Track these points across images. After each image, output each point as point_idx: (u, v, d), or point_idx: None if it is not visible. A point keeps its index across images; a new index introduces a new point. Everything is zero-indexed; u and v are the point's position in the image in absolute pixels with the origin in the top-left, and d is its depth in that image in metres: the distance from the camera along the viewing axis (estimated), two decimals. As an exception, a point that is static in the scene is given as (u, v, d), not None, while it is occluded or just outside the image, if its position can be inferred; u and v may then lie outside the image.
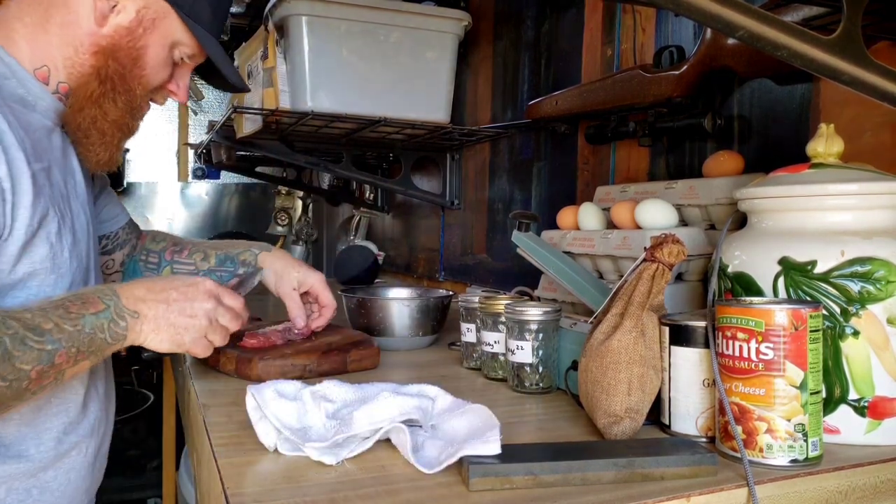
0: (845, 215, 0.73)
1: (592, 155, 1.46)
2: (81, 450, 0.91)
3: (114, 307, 0.76)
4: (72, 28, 0.84)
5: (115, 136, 0.89)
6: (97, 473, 0.98)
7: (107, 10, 0.84)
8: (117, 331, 0.76)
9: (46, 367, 0.70)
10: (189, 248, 1.14)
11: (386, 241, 2.73)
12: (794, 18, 0.86)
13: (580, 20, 1.49)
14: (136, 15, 0.85)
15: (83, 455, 0.91)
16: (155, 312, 0.79)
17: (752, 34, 0.52)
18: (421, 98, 1.79)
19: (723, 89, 1.12)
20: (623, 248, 1.03)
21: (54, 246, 0.81)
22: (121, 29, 0.85)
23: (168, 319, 0.79)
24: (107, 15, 0.84)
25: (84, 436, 0.91)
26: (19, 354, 0.67)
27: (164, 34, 0.88)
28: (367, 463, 0.67)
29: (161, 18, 0.87)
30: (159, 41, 0.88)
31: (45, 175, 0.81)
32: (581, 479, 0.62)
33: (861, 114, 0.90)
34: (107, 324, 0.75)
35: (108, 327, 0.75)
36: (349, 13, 1.67)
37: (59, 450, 0.87)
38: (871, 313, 0.70)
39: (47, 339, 0.70)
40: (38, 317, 0.70)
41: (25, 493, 0.83)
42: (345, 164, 2.02)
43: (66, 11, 0.83)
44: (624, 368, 0.73)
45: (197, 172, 3.90)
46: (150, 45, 0.87)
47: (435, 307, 1.25)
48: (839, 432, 0.71)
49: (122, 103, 0.87)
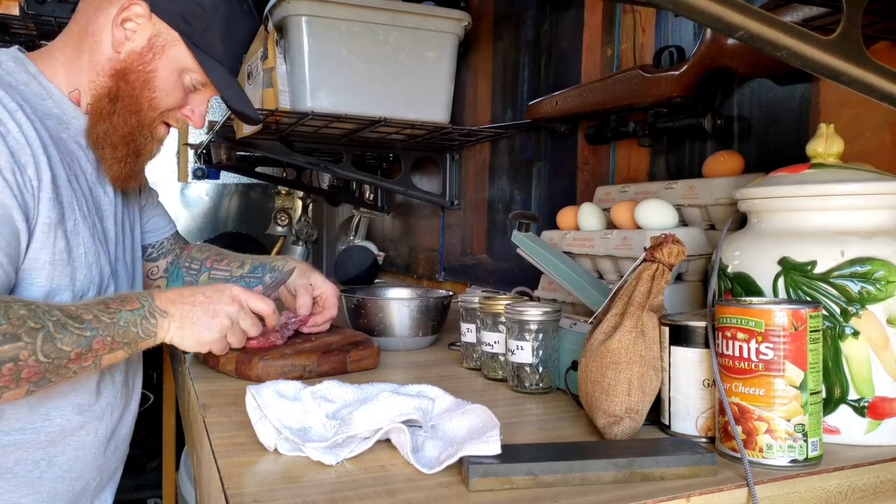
0: (845, 215, 0.73)
1: (592, 155, 1.46)
2: (91, 430, 0.98)
3: (148, 307, 0.87)
4: (97, 55, 0.94)
5: (124, 151, 0.97)
6: (112, 456, 1.05)
7: (122, 37, 0.93)
8: (148, 327, 0.86)
9: (84, 351, 0.80)
10: (230, 258, 1.26)
11: (386, 241, 2.73)
12: (793, 18, 0.86)
13: (580, 20, 1.49)
14: (147, 41, 0.94)
15: (93, 435, 0.98)
16: (181, 312, 0.89)
17: (752, 34, 0.52)
18: (421, 98, 1.79)
19: (723, 89, 1.12)
20: (623, 248, 1.03)
21: (70, 241, 0.90)
22: (133, 54, 0.94)
23: (192, 318, 0.89)
24: (122, 42, 0.94)
25: (94, 417, 0.98)
26: (60, 337, 0.78)
27: (173, 60, 0.96)
28: (366, 463, 0.67)
29: (170, 45, 0.95)
30: (168, 66, 0.96)
31: (70, 180, 0.91)
32: (581, 479, 0.62)
33: (861, 114, 0.90)
34: (139, 319, 0.85)
35: (140, 323, 0.85)
36: (349, 13, 1.68)
37: (67, 427, 0.94)
38: (871, 313, 0.70)
39: (86, 326, 0.80)
40: (80, 309, 0.82)
41: (33, 464, 0.92)
42: (345, 165, 2.02)
43: (93, 41, 0.94)
44: (624, 368, 0.73)
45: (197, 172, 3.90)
46: (160, 69, 0.96)
47: (435, 307, 1.25)
48: (839, 432, 0.71)
49: (132, 121, 0.96)
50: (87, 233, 0.93)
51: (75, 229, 0.91)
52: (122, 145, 0.97)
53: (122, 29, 0.93)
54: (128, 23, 0.93)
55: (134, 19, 0.93)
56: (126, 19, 0.93)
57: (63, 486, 0.95)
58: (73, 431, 0.96)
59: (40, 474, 0.92)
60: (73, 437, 0.96)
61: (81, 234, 0.92)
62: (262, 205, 4.00)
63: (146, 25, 0.94)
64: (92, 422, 0.98)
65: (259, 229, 3.90)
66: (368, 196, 2.79)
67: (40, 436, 0.92)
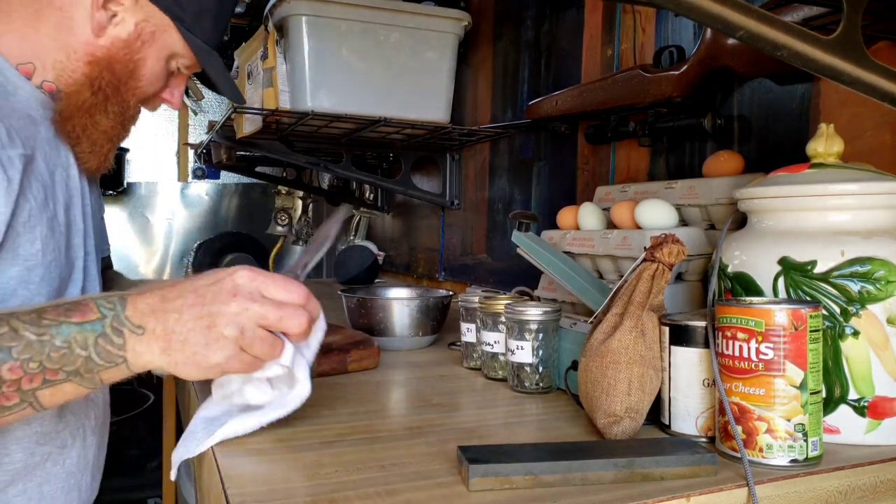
0: (845, 215, 0.73)
1: (592, 155, 1.46)
2: (57, 461, 0.83)
3: (112, 319, 0.60)
4: (65, 33, 0.81)
5: (105, 146, 0.87)
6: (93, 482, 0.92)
7: (105, 20, 0.82)
8: (110, 349, 0.60)
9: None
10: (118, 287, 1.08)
11: (386, 241, 2.73)
12: (794, 18, 0.86)
13: (580, 20, 1.49)
14: (134, 28, 0.84)
15: (60, 466, 0.84)
16: (164, 327, 0.61)
17: (752, 34, 0.52)
18: (421, 98, 1.79)
19: (723, 89, 1.12)
20: (623, 248, 1.03)
21: (20, 235, 0.73)
22: (118, 41, 0.83)
23: (180, 335, 0.61)
24: (104, 26, 0.82)
25: (59, 447, 0.83)
26: None
27: (163, 47, 0.87)
28: (366, 463, 0.67)
29: (161, 32, 0.85)
30: (156, 54, 0.86)
31: (24, 161, 0.75)
32: (581, 479, 0.62)
33: (861, 114, 0.90)
34: (94, 339, 0.59)
35: (94, 343, 0.60)
36: (349, 13, 1.68)
37: (30, 462, 0.80)
38: (871, 313, 0.70)
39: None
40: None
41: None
42: (345, 164, 2.02)
43: (60, 15, 0.81)
44: (624, 368, 0.73)
45: (197, 172, 3.90)
46: (148, 57, 0.86)
47: (435, 307, 1.25)
48: (839, 432, 0.71)
49: (113, 114, 0.85)
50: (44, 225, 0.77)
51: (30, 221, 0.75)
52: (103, 140, 0.86)
53: (104, 11, 0.81)
54: (111, 4, 0.82)
55: (118, 1, 0.82)
56: (109, 0, 0.81)
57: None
58: (37, 465, 0.81)
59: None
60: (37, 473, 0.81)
61: (38, 228, 0.76)
62: (262, 205, 4.00)
63: (133, 9, 0.83)
64: (56, 452, 0.83)
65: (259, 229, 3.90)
66: (368, 196, 2.79)
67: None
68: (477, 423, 0.82)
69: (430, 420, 0.82)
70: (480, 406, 0.90)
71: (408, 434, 0.77)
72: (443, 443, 0.73)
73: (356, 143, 2.07)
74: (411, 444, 0.73)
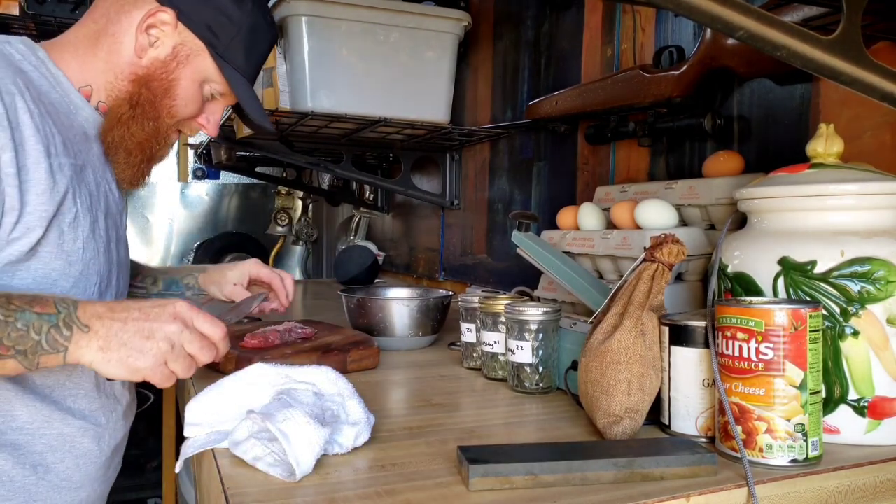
0: (845, 215, 0.73)
1: (592, 155, 1.46)
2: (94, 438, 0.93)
3: (65, 315, 0.72)
4: (115, 56, 0.92)
5: (139, 157, 0.96)
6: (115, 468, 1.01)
7: (146, 43, 0.91)
8: (57, 338, 0.71)
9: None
10: (143, 272, 1.20)
11: (386, 241, 2.73)
12: (793, 18, 0.86)
13: (580, 20, 1.49)
14: (171, 50, 0.92)
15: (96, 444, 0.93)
16: (107, 331, 0.72)
17: (752, 34, 0.52)
18: (421, 98, 1.79)
19: (723, 89, 1.12)
20: (623, 248, 1.03)
21: (65, 233, 0.85)
22: (157, 61, 0.93)
23: (120, 339, 0.72)
24: (146, 48, 0.92)
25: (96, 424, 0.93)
26: None
27: (196, 70, 0.95)
28: (366, 463, 0.67)
29: (195, 55, 0.94)
30: (190, 76, 0.95)
31: (75, 170, 0.88)
32: (581, 479, 0.62)
33: (861, 114, 0.91)
34: (47, 327, 0.71)
35: (47, 331, 0.71)
36: (349, 13, 1.68)
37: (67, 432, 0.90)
38: (871, 313, 0.70)
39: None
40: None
41: (31, 469, 0.86)
42: (345, 164, 2.02)
43: (112, 41, 0.92)
44: (624, 368, 0.73)
45: (197, 172, 3.90)
46: (182, 78, 0.94)
47: (434, 307, 1.25)
48: (839, 432, 0.71)
49: (149, 128, 0.95)
50: (87, 227, 0.89)
51: (74, 222, 0.87)
52: (137, 151, 0.95)
53: (147, 35, 0.91)
54: (153, 29, 0.91)
55: (159, 26, 0.91)
56: (151, 26, 0.91)
57: (61, 497, 0.90)
58: (77, 439, 0.91)
59: (36, 481, 0.87)
60: (77, 445, 0.91)
61: (81, 228, 0.88)
62: (262, 205, 4.00)
63: (171, 34, 0.92)
64: (97, 429, 0.93)
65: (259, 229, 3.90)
66: (368, 196, 2.79)
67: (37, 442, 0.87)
68: (477, 423, 0.82)
69: (430, 420, 0.82)
70: (480, 406, 0.90)
71: (408, 434, 0.77)
72: (443, 443, 0.73)
73: (356, 144, 2.07)
74: (411, 444, 0.73)
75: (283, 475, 0.63)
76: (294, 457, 0.62)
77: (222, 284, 1.16)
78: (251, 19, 0.95)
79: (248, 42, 0.96)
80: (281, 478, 0.63)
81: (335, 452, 0.69)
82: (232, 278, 1.15)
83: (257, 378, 0.76)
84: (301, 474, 0.63)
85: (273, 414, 0.66)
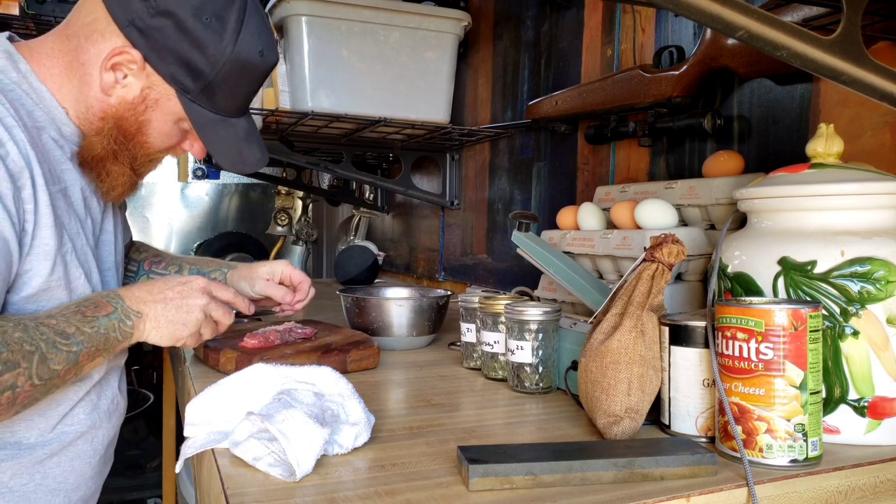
0: (845, 215, 0.73)
1: (592, 155, 1.46)
2: (88, 439, 0.94)
3: (121, 309, 0.84)
4: (87, 88, 0.88)
5: (122, 186, 0.93)
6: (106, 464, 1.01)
7: (111, 81, 0.87)
8: (125, 329, 0.84)
9: (71, 367, 0.78)
10: (168, 260, 1.20)
11: (386, 241, 2.73)
12: (793, 18, 0.86)
13: (580, 20, 1.49)
14: (140, 92, 0.88)
15: (89, 444, 0.95)
16: (155, 311, 0.86)
17: (752, 34, 0.52)
18: (421, 98, 1.79)
19: (723, 89, 1.12)
20: (623, 248, 1.03)
21: (69, 264, 0.86)
22: (125, 102, 0.88)
23: (167, 317, 0.87)
24: (112, 86, 0.87)
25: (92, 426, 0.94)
26: (52, 357, 0.75)
27: (168, 112, 0.90)
28: (366, 463, 0.67)
29: (165, 99, 0.89)
30: (163, 117, 0.91)
31: (62, 196, 0.87)
32: (581, 479, 0.62)
33: (861, 114, 0.90)
34: (117, 324, 0.83)
35: (118, 327, 0.83)
36: (349, 13, 1.68)
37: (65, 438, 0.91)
38: (871, 313, 0.70)
39: (73, 341, 0.78)
40: (62, 322, 0.78)
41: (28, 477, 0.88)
42: (345, 164, 2.02)
43: (83, 72, 0.87)
44: (624, 368, 0.73)
45: (197, 172, 3.90)
46: (154, 119, 0.90)
47: (431, 307, 1.25)
48: (839, 432, 0.71)
49: (125, 164, 0.92)
50: (82, 249, 0.89)
51: (72, 251, 0.86)
52: (119, 184, 0.93)
53: (113, 73, 0.86)
54: (121, 68, 0.86)
55: (126, 65, 0.86)
56: (117, 65, 0.85)
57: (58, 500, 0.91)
58: (72, 442, 0.92)
59: (35, 487, 0.88)
60: (71, 448, 0.91)
61: (77, 254, 0.88)
62: (262, 205, 4.01)
63: (139, 75, 0.86)
64: (90, 430, 0.94)
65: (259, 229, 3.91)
66: (368, 196, 2.79)
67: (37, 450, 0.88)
68: (477, 423, 0.82)
69: (430, 420, 0.82)
70: (480, 406, 0.90)
71: (408, 434, 0.77)
72: (443, 443, 0.73)
73: (356, 144, 2.07)
74: (411, 444, 0.73)
75: (283, 475, 0.63)
76: (294, 457, 0.62)
77: (253, 280, 1.14)
78: (232, 61, 0.88)
79: (231, 83, 0.90)
80: (281, 478, 0.63)
81: (335, 452, 0.69)
82: (263, 274, 1.14)
83: (257, 378, 0.76)
84: (301, 474, 0.63)
85: (273, 414, 0.66)
